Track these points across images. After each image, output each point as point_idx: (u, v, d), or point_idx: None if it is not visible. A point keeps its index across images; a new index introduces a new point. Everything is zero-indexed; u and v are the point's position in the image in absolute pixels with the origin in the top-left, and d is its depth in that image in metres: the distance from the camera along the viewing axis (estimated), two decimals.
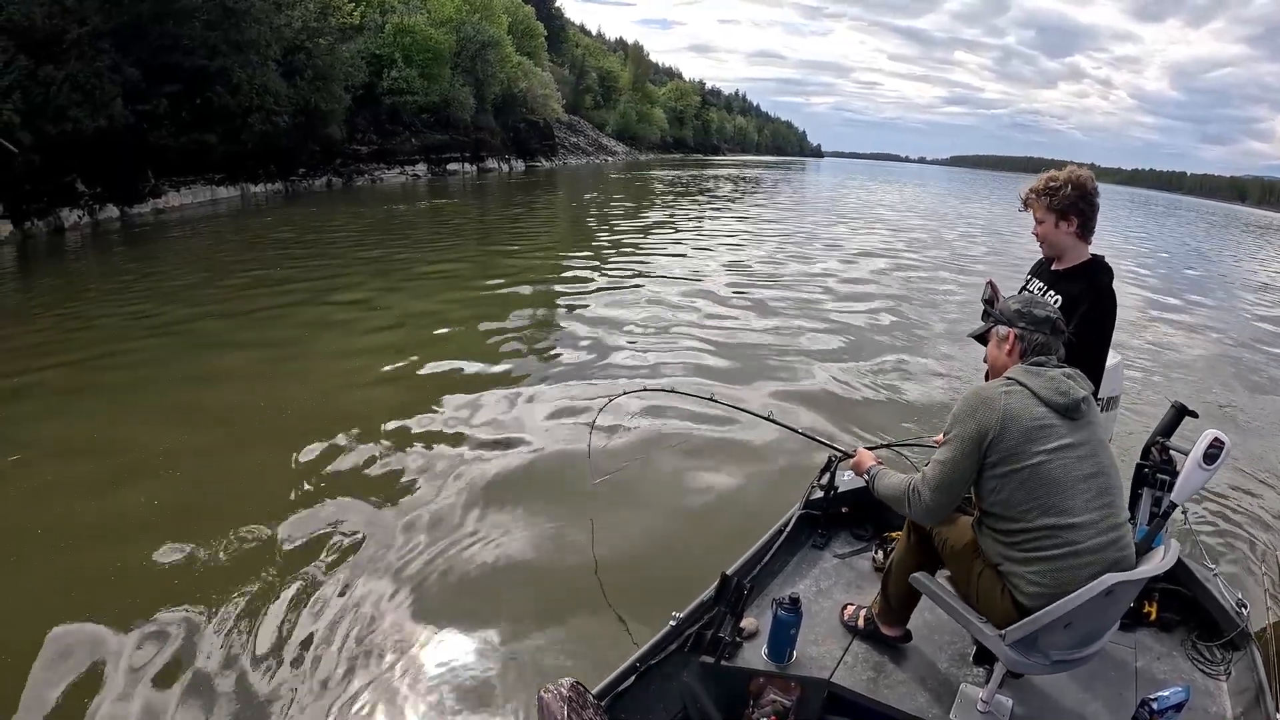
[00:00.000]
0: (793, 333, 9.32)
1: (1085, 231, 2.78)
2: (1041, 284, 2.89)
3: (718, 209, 27.61)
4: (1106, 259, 2.83)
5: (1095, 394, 2.34)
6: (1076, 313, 2.67)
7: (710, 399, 4.23)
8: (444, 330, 8.73)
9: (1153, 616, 2.91)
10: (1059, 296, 2.78)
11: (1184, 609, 2.96)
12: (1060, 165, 2.86)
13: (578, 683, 2.06)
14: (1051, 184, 2.76)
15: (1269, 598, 3.50)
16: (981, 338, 2.48)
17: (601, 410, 4.63)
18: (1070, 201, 2.73)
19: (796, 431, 4.07)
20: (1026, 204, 2.85)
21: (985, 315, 2.47)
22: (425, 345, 8.04)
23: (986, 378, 2.46)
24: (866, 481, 2.54)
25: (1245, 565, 4.37)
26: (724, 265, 14.24)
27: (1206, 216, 69.66)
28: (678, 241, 17.23)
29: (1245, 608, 2.84)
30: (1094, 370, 2.46)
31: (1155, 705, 2.28)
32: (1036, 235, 2.86)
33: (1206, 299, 15.81)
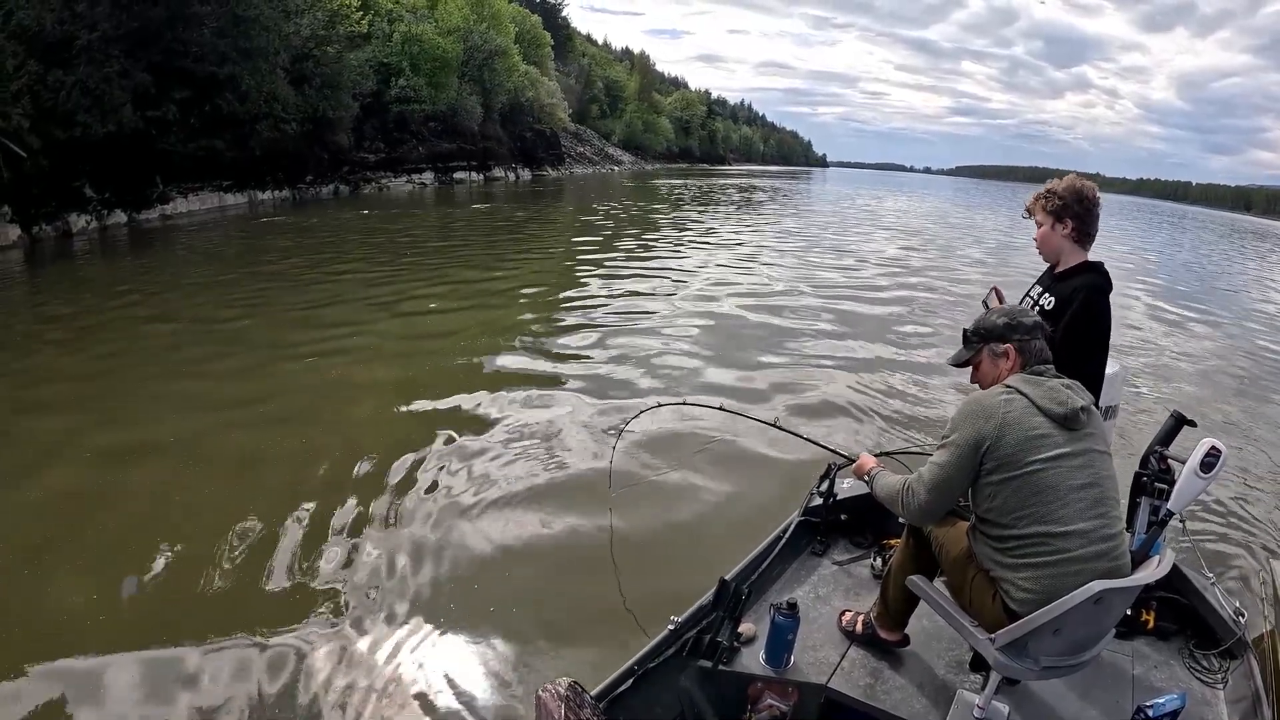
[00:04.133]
0: (804, 341, 9.35)
1: (1082, 236, 2.82)
2: (1040, 288, 2.94)
3: (731, 218, 27.68)
4: (1105, 267, 2.85)
5: (1095, 402, 2.35)
6: (1066, 313, 2.70)
7: (719, 408, 4.27)
8: (462, 337, 8.76)
9: (1150, 625, 2.90)
10: (1053, 298, 2.82)
11: (1181, 617, 2.96)
12: (1066, 175, 2.89)
13: (575, 683, 2.07)
14: (1051, 189, 2.83)
15: (1266, 606, 3.50)
16: (966, 362, 2.46)
17: (621, 433, 4.68)
18: (1065, 204, 2.78)
19: (800, 437, 4.10)
20: (1030, 210, 2.92)
21: (967, 338, 2.44)
22: (445, 352, 8.11)
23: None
24: (866, 483, 2.55)
25: (1243, 574, 4.37)
26: (735, 274, 14.28)
27: (1211, 226, 69.48)
28: (692, 251, 17.28)
29: (1243, 616, 2.84)
30: (1085, 371, 2.46)
31: (1151, 712, 2.29)
32: (1036, 240, 2.92)
33: (1207, 308, 15.81)
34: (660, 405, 4.73)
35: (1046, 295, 2.87)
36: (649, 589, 3.83)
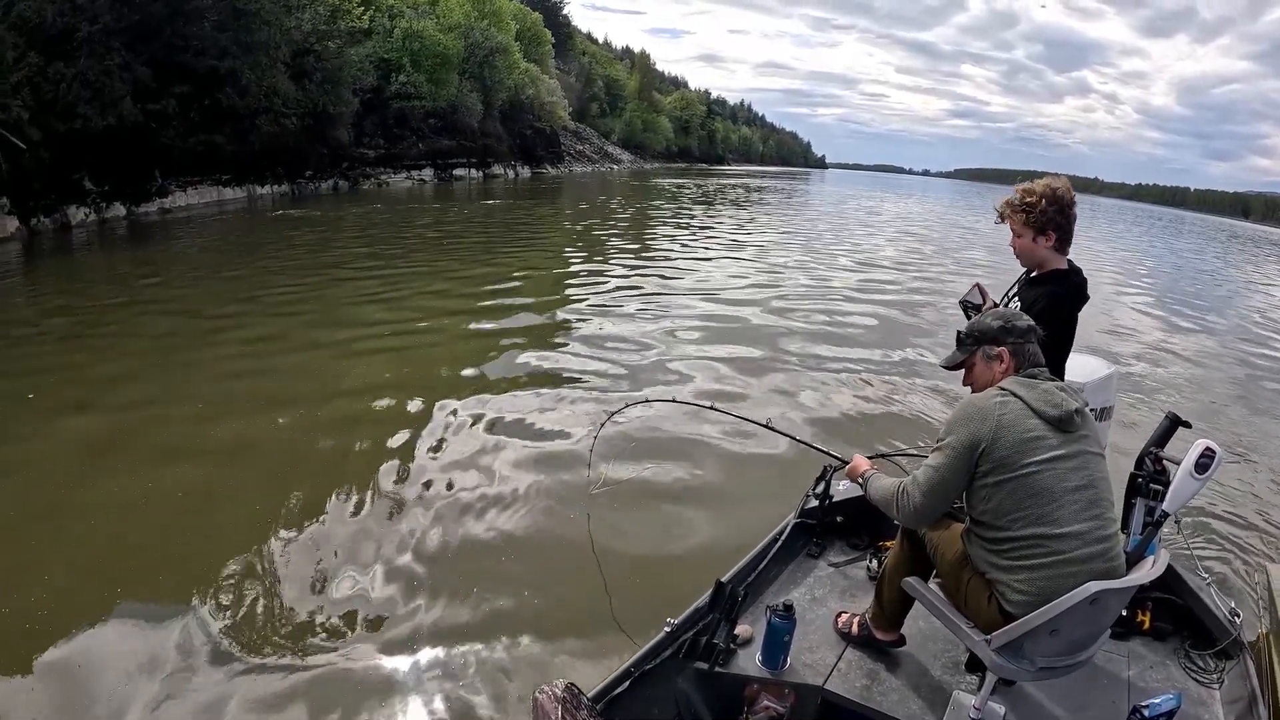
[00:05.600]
0: (797, 342, 9.33)
1: (1063, 244, 2.77)
2: (1015, 290, 2.95)
3: (732, 217, 27.76)
4: (1081, 275, 2.83)
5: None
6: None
7: (710, 408, 4.23)
8: (450, 334, 8.77)
9: (1146, 625, 2.91)
10: (1019, 300, 2.83)
11: (1177, 618, 2.97)
12: (1040, 180, 2.83)
13: (572, 684, 2.08)
14: (1028, 199, 2.72)
15: (1261, 607, 3.51)
16: (960, 364, 2.44)
17: (603, 425, 4.66)
18: (1049, 217, 2.71)
19: (794, 439, 4.04)
20: (1003, 217, 2.84)
21: (961, 340, 2.42)
22: (431, 349, 8.13)
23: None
24: (860, 485, 2.55)
25: (1238, 575, 4.38)
26: (732, 274, 14.28)
27: (1209, 233, 69.54)
28: (689, 249, 17.30)
29: (1238, 617, 2.85)
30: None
31: (1147, 712, 2.29)
32: (1014, 248, 2.85)
33: (1204, 311, 15.85)
34: (649, 401, 4.69)
35: (1016, 299, 2.87)
36: (630, 589, 3.82)
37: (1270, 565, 3.39)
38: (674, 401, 4.77)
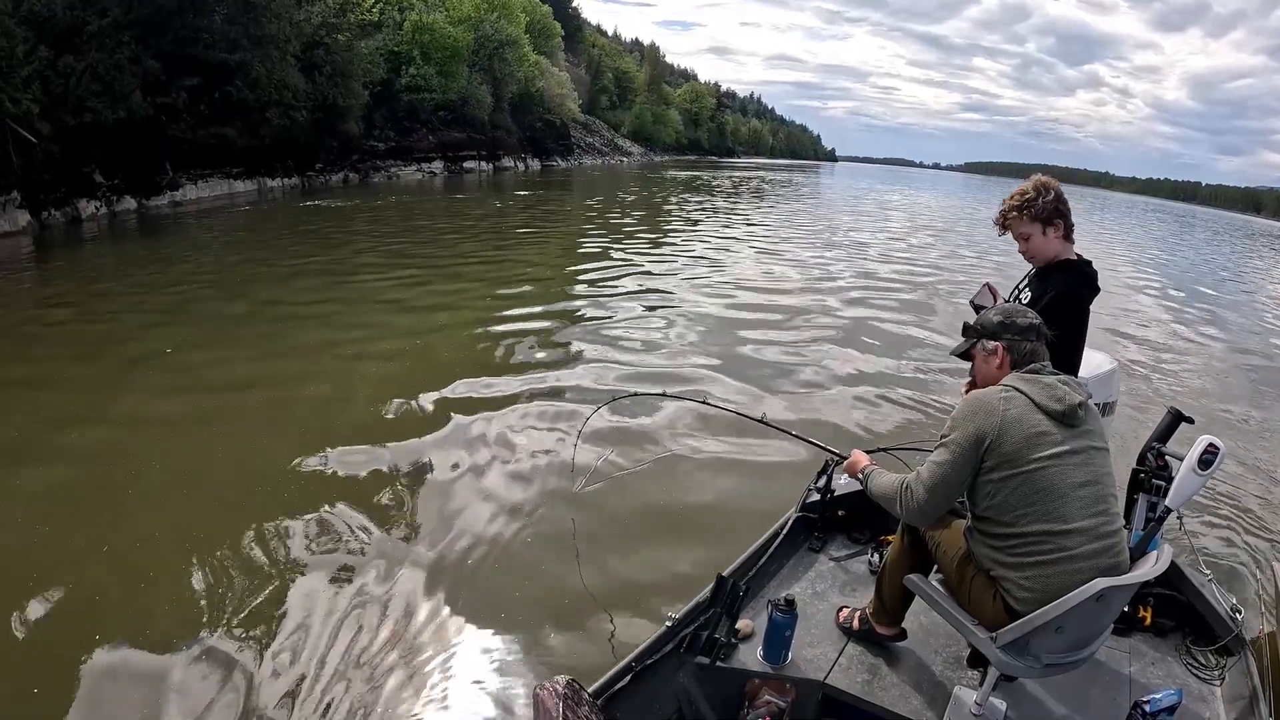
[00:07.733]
0: (795, 336, 9.28)
1: (1069, 232, 2.81)
2: (1026, 281, 2.96)
3: (741, 211, 27.68)
4: (1092, 266, 2.84)
5: None
6: (1038, 307, 2.70)
7: (703, 403, 4.19)
8: (445, 327, 8.80)
9: (1147, 621, 2.91)
10: (1030, 293, 2.85)
11: (1179, 614, 2.96)
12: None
13: (574, 680, 2.08)
14: (1025, 196, 2.78)
15: (1263, 604, 3.50)
16: (966, 354, 2.46)
17: (587, 420, 4.62)
18: (1051, 208, 2.76)
19: (790, 434, 3.97)
20: (1005, 226, 2.86)
21: (966, 331, 2.45)
22: (424, 342, 8.15)
23: (970, 389, 2.44)
24: (860, 482, 2.54)
25: (1240, 571, 4.36)
26: (731, 268, 14.23)
27: (1221, 230, 69.04)
28: (692, 242, 17.27)
29: (1239, 613, 2.84)
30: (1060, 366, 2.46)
31: (1148, 708, 2.29)
32: (1024, 252, 2.87)
33: (1209, 306, 15.75)
34: (636, 395, 4.63)
35: (1027, 290, 2.89)
36: (615, 584, 3.84)
37: (1275, 563, 3.38)
38: (664, 395, 4.70)
